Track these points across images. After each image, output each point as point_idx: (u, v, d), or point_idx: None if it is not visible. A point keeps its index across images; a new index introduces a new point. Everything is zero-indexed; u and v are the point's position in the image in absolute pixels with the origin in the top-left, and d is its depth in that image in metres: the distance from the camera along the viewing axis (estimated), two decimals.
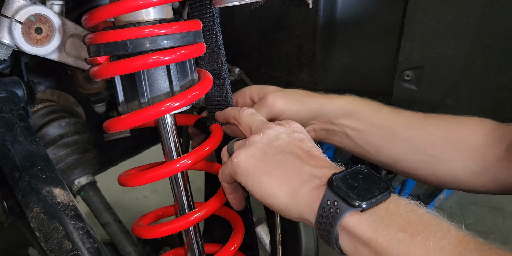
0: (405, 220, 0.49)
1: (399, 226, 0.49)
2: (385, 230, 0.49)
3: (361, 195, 0.51)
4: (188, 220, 0.69)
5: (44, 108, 0.97)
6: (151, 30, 0.64)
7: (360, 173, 0.55)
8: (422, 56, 0.99)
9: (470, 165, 0.79)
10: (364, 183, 0.53)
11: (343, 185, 0.52)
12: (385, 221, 0.50)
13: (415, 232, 0.48)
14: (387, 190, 0.53)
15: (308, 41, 1.03)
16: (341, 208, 0.51)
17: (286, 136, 0.64)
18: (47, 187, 0.71)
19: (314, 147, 0.64)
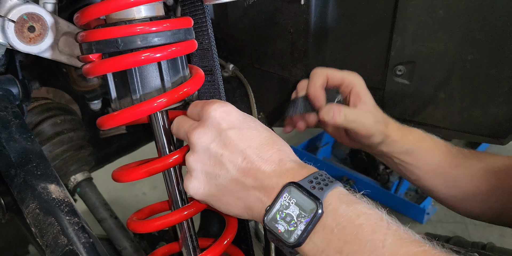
0: (341, 240, 0.50)
1: (336, 247, 0.50)
2: (324, 253, 0.51)
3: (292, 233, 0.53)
4: (181, 215, 0.70)
5: (40, 106, 0.98)
6: (142, 27, 0.64)
7: (287, 198, 0.55)
8: (414, 50, 1.00)
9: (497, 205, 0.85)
10: (295, 210, 0.54)
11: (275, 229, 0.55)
12: (324, 242, 0.52)
13: (350, 253, 0.49)
14: (317, 209, 0.52)
15: (300, 37, 1.04)
16: (284, 248, 0.55)
17: (215, 146, 0.61)
18: (42, 184, 0.72)
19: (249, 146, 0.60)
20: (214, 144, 0.61)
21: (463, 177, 0.86)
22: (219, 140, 0.61)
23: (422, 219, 2.47)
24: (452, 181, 0.87)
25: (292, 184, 0.55)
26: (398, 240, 0.48)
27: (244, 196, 0.60)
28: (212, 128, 0.62)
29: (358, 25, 1.02)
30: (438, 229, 2.43)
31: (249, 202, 0.59)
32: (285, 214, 0.54)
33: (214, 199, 0.63)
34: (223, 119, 0.62)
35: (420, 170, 0.89)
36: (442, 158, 0.88)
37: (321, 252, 0.51)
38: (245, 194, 0.59)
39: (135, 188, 2.82)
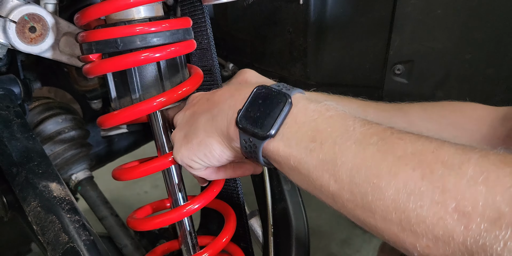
0: (314, 129, 0.52)
1: (309, 137, 0.52)
2: (298, 144, 0.52)
3: (265, 125, 0.55)
4: (180, 212, 0.71)
5: (41, 105, 0.99)
6: (141, 28, 0.65)
7: (258, 98, 0.57)
8: (412, 49, 1.01)
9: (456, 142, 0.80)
10: (265, 108, 0.56)
11: (248, 123, 0.56)
12: (296, 135, 0.53)
13: (324, 139, 0.51)
14: (286, 103, 0.55)
15: (299, 36, 1.04)
16: (256, 143, 0.56)
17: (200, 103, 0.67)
18: (43, 182, 0.73)
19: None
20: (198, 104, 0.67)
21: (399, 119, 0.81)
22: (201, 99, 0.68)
23: None
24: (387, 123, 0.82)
25: (261, 86, 0.58)
26: (366, 123, 0.51)
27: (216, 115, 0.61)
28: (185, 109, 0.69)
29: (357, 25, 1.03)
30: None
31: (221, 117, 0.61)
32: (254, 109, 0.57)
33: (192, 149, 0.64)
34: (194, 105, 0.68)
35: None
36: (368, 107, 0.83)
37: (295, 145, 0.53)
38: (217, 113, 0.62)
39: (137, 187, 2.83)
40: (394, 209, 0.44)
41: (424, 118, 0.81)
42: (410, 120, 0.81)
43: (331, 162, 0.49)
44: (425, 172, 0.43)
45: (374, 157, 0.47)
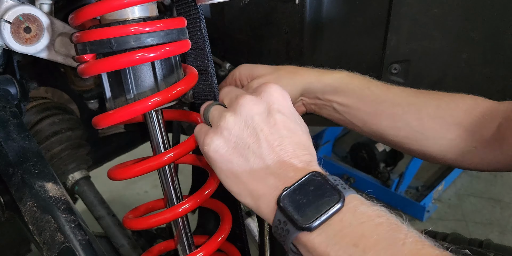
0: (359, 233, 0.48)
1: (352, 240, 0.48)
2: (337, 245, 0.48)
3: (308, 215, 0.50)
4: (176, 212, 0.71)
5: (38, 105, 0.99)
6: (135, 28, 0.65)
7: (311, 184, 0.53)
8: (409, 49, 1.01)
9: (458, 144, 0.80)
10: (314, 197, 0.51)
11: (290, 205, 0.51)
12: (338, 235, 0.49)
13: (367, 248, 0.46)
14: (339, 200, 0.50)
15: (296, 36, 1.04)
16: (290, 230, 0.51)
17: (259, 119, 0.60)
18: (39, 182, 0.73)
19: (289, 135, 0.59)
20: (259, 116, 0.60)
21: (409, 116, 0.82)
22: (266, 115, 0.60)
23: (422, 216, 2.48)
24: (399, 120, 0.82)
25: (317, 173, 0.54)
26: (419, 241, 0.47)
27: (261, 177, 0.57)
28: (264, 102, 0.61)
29: (353, 24, 1.03)
30: (438, 227, 2.44)
31: (262, 185, 0.56)
32: (301, 195, 0.52)
33: (227, 165, 0.59)
34: (278, 100, 0.62)
35: (360, 111, 0.84)
36: (379, 95, 0.83)
37: (333, 245, 0.48)
38: (263, 176, 0.57)
39: (137, 187, 2.83)
40: None
41: (435, 117, 0.82)
42: (421, 120, 0.82)
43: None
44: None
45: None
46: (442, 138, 0.81)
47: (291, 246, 0.52)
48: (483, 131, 0.79)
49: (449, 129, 0.81)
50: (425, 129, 0.82)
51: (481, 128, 0.79)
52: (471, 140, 0.80)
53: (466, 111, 0.81)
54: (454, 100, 0.83)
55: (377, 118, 0.84)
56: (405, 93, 0.84)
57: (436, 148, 0.82)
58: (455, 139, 0.81)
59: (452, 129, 0.81)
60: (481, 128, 0.79)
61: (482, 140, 0.79)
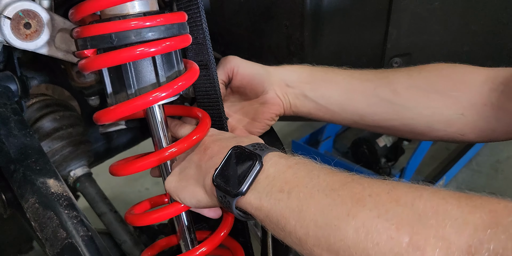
0: (283, 181, 0.57)
1: (278, 188, 0.57)
2: (267, 196, 0.57)
3: (236, 183, 0.59)
4: (178, 207, 0.71)
5: (39, 102, 0.99)
6: (135, 22, 0.65)
7: (233, 158, 0.62)
8: (410, 42, 1.01)
9: (442, 112, 0.78)
10: (238, 167, 0.61)
11: (222, 180, 0.61)
12: (267, 188, 0.58)
13: (291, 189, 0.55)
14: (257, 162, 0.59)
15: (296, 30, 1.04)
16: (229, 200, 0.61)
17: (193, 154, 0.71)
18: (41, 178, 0.73)
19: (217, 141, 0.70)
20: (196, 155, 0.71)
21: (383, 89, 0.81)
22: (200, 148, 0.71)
23: None
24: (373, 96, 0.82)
25: (236, 147, 0.63)
26: (330, 172, 0.56)
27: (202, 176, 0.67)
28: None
29: (354, 18, 1.03)
30: None
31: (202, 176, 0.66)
32: (228, 169, 0.62)
33: (180, 187, 0.70)
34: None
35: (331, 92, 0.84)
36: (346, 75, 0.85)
37: (265, 197, 0.57)
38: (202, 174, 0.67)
39: (138, 184, 2.83)
40: (355, 249, 0.47)
41: (410, 86, 0.80)
42: (395, 90, 0.80)
43: (296, 209, 0.53)
44: (381, 211, 0.47)
45: (335, 201, 0.51)
46: (424, 107, 0.79)
47: (236, 211, 0.63)
48: (469, 97, 0.76)
49: (428, 97, 0.78)
50: (402, 100, 0.80)
51: (466, 93, 0.76)
52: (457, 107, 0.77)
53: (444, 77, 0.78)
54: (425, 68, 0.81)
55: (350, 96, 0.83)
56: (373, 71, 0.85)
57: (419, 119, 0.80)
58: (437, 107, 0.78)
59: (432, 96, 0.78)
60: (466, 93, 0.76)
61: (470, 106, 0.76)
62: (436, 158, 2.91)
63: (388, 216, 0.46)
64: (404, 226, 0.45)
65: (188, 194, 0.69)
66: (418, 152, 2.58)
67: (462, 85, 0.77)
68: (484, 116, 0.75)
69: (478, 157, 2.94)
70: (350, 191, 0.51)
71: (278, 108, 0.87)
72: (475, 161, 2.91)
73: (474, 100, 0.76)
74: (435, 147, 2.93)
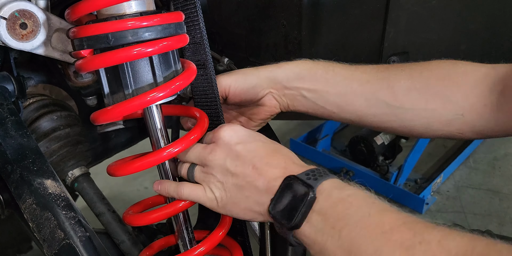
0: (334, 217, 0.57)
1: (330, 224, 0.57)
2: (320, 231, 0.58)
3: (291, 216, 0.60)
4: (176, 207, 0.71)
5: (36, 102, 0.98)
6: (132, 22, 0.65)
7: (287, 189, 0.62)
8: (407, 41, 1.00)
9: (441, 113, 0.78)
10: (291, 199, 0.61)
11: (277, 213, 0.62)
12: (320, 223, 0.58)
13: (342, 228, 0.56)
14: (308, 194, 0.59)
15: (294, 29, 1.04)
16: (286, 231, 0.62)
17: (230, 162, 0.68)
18: (38, 179, 0.72)
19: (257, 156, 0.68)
20: (229, 159, 0.68)
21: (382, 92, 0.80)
22: (232, 154, 0.69)
23: (422, 209, 2.48)
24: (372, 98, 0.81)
25: (288, 178, 0.63)
26: (381, 210, 0.56)
27: (253, 195, 0.66)
28: (223, 146, 0.70)
29: (351, 17, 1.03)
30: (438, 219, 2.45)
31: (257, 200, 0.66)
32: (281, 203, 0.62)
33: (229, 204, 0.69)
34: (231, 136, 0.70)
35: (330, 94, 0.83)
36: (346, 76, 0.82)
37: (319, 230, 0.58)
38: (254, 195, 0.66)
39: (137, 183, 2.83)
40: None
41: (410, 88, 0.79)
42: (395, 92, 0.79)
43: (347, 250, 0.54)
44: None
45: (383, 247, 0.51)
46: (422, 109, 0.78)
47: (292, 239, 0.62)
48: (469, 98, 0.75)
49: (428, 99, 0.78)
50: (401, 103, 0.79)
51: (465, 94, 0.76)
52: (455, 108, 0.77)
53: (445, 78, 0.78)
54: (427, 67, 0.80)
55: (349, 98, 0.82)
56: (375, 70, 0.82)
57: (418, 121, 0.80)
58: (436, 109, 0.78)
59: (430, 99, 0.78)
60: (465, 94, 0.76)
61: (469, 106, 0.76)
62: (433, 155, 2.92)
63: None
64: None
65: (240, 210, 0.69)
66: (416, 150, 2.58)
67: (463, 86, 0.76)
68: (484, 116, 0.75)
69: (475, 155, 2.94)
70: (401, 237, 0.51)
71: (274, 110, 0.87)
72: (472, 159, 2.92)
73: (473, 101, 0.75)
74: (432, 145, 2.93)
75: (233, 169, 0.68)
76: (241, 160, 0.67)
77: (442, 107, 0.77)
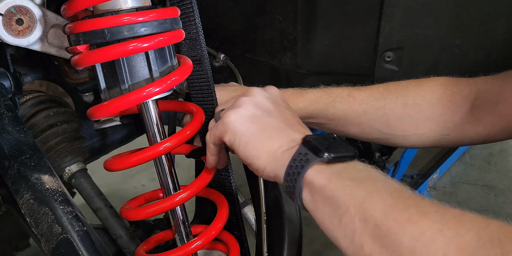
0: (357, 174, 0.56)
1: (351, 177, 0.55)
2: (337, 180, 0.55)
3: (328, 149, 0.57)
4: (173, 201, 0.72)
5: (33, 99, 0.98)
6: (128, 18, 0.65)
7: (332, 138, 0.60)
8: (402, 36, 1.01)
9: (429, 136, 0.84)
10: (335, 144, 0.59)
11: (315, 141, 0.58)
12: (341, 173, 0.56)
13: (361, 182, 0.54)
14: (353, 152, 0.58)
15: (289, 25, 1.04)
16: (310, 158, 0.57)
17: (269, 101, 0.70)
18: (35, 174, 0.73)
19: (293, 115, 0.70)
20: (269, 100, 0.70)
21: (377, 121, 0.86)
22: (274, 100, 0.70)
23: None
24: (367, 127, 0.88)
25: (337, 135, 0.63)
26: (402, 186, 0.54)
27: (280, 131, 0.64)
28: (270, 93, 0.72)
29: (346, 13, 1.03)
30: None
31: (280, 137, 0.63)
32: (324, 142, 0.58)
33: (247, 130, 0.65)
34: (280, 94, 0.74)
35: (329, 125, 0.90)
36: (346, 110, 0.87)
37: (333, 178, 0.55)
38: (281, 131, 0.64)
39: (134, 180, 2.84)
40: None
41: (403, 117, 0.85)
42: (389, 122, 0.86)
43: (360, 199, 0.51)
44: (444, 227, 0.45)
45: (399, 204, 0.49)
46: (412, 135, 0.85)
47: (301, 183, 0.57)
48: (454, 118, 0.81)
49: (418, 125, 0.84)
50: (393, 130, 0.86)
51: (452, 115, 0.81)
52: (442, 129, 0.82)
53: (436, 102, 0.83)
54: (421, 93, 0.85)
55: (346, 128, 0.90)
56: (372, 98, 0.87)
57: (407, 143, 0.87)
58: (425, 133, 0.84)
59: (421, 124, 0.84)
60: (452, 115, 0.81)
61: (454, 126, 0.81)
62: (429, 151, 2.93)
63: (450, 234, 0.44)
64: (464, 249, 0.43)
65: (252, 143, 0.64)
66: None
67: (450, 107, 0.81)
68: (467, 132, 0.81)
69: (471, 151, 2.96)
70: (417, 202, 0.50)
71: None
72: (468, 155, 2.93)
73: (458, 120, 0.81)
74: None
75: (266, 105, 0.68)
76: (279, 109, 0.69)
77: (429, 129, 0.84)
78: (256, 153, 0.63)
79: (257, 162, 0.63)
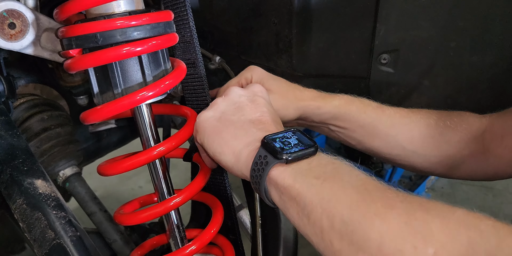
0: (322, 171, 0.56)
1: (315, 175, 0.56)
2: (302, 179, 0.56)
3: (286, 149, 0.58)
4: (167, 206, 0.71)
5: (27, 102, 0.98)
6: (121, 22, 0.64)
7: (290, 135, 0.62)
8: (398, 39, 1.01)
9: (447, 160, 0.85)
10: (294, 142, 0.60)
11: (273, 142, 0.59)
12: (304, 172, 0.57)
13: (326, 179, 0.54)
14: (313, 147, 0.59)
15: (284, 27, 1.04)
16: (269, 161, 0.58)
17: (245, 99, 0.71)
18: (28, 179, 0.72)
19: (269, 112, 0.70)
20: (246, 97, 0.71)
21: (402, 136, 0.87)
22: (251, 97, 0.72)
23: None
24: (392, 140, 0.88)
25: (297, 129, 0.64)
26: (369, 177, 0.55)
27: (244, 131, 0.65)
28: (250, 90, 0.74)
29: (342, 15, 1.03)
30: None
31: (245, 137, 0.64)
32: (284, 140, 0.61)
33: (213, 129, 0.67)
34: (261, 91, 0.75)
35: (356, 133, 0.89)
36: (375, 119, 0.88)
37: (299, 178, 0.56)
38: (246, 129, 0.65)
39: (131, 182, 2.83)
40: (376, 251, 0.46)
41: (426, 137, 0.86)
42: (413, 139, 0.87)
43: (326, 198, 0.52)
44: (410, 218, 0.46)
45: (365, 199, 0.50)
46: (432, 156, 0.86)
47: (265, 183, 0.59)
48: (471, 147, 0.83)
49: (439, 147, 0.85)
50: (416, 148, 0.87)
51: (468, 144, 0.83)
52: (459, 156, 0.84)
53: (454, 128, 0.85)
54: (442, 118, 0.87)
55: (372, 138, 0.89)
56: (399, 114, 0.88)
57: (425, 164, 0.88)
58: (443, 156, 0.86)
59: (442, 146, 0.85)
60: (468, 144, 0.83)
61: (470, 155, 0.83)
62: None
63: (416, 224, 0.45)
64: (431, 238, 0.44)
65: (217, 142, 0.66)
66: None
67: (468, 134, 0.84)
68: (480, 163, 0.83)
69: None
70: (383, 194, 0.51)
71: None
72: None
73: (473, 150, 0.83)
74: None
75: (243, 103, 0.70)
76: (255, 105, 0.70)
77: (449, 155, 0.85)
78: (222, 151, 0.65)
79: (225, 159, 0.65)
